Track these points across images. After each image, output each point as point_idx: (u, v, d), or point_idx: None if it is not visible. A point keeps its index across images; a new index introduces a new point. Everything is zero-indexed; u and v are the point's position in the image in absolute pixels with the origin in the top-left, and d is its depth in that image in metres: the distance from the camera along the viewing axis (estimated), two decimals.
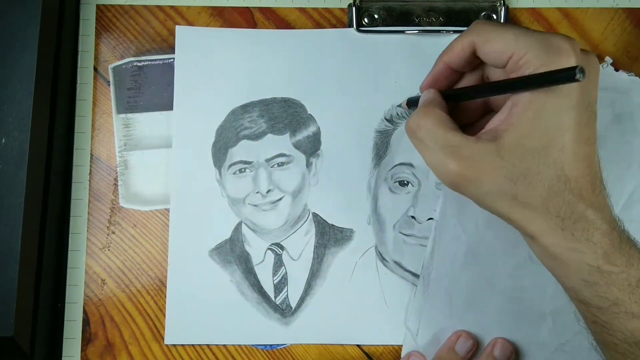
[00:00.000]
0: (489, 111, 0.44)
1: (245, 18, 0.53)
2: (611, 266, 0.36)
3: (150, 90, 0.52)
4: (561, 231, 0.37)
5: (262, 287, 0.50)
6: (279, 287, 0.50)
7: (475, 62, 0.42)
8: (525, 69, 0.37)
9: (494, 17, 0.52)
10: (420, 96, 0.44)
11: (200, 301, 0.50)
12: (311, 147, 0.52)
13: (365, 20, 0.53)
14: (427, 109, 0.40)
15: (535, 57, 0.37)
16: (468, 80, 0.44)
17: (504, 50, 0.38)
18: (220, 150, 0.51)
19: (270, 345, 0.50)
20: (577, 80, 0.34)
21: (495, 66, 0.40)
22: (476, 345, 0.48)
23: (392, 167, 0.51)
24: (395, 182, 0.51)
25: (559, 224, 0.37)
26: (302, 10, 0.53)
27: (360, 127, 0.52)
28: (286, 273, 0.50)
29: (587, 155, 0.37)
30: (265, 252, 0.51)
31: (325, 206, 0.51)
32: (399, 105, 0.51)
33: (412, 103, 0.49)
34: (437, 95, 0.42)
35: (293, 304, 0.50)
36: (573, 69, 0.34)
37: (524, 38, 0.37)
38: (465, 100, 0.43)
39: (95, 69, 0.53)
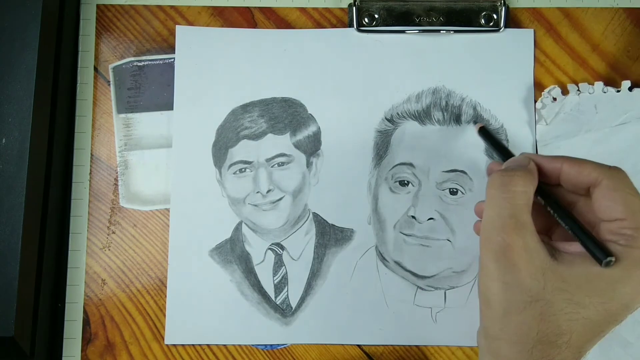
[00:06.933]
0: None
1: (246, 18, 0.53)
2: None
3: (151, 90, 0.52)
4: None
5: (262, 287, 0.50)
6: (279, 287, 0.50)
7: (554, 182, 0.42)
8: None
9: (494, 17, 0.52)
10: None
11: (201, 301, 0.50)
12: (311, 147, 0.51)
13: (365, 20, 0.53)
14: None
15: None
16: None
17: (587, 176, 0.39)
18: (220, 150, 0.51)
19: (271, 345, 0.50)
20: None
21: (573, 190, 0.41)
22: None
23: (393, 167, 0.51)
24: (395, 182, 0.51)
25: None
26: (302, 10, 0.53)
27: (360, 126, 0.51)
28: (286, 273, 0.50)
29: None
30: (265, 252, 0.51)
31: (326, 206, 0.51)
32: (475, 123, 0.51)
33: (486, 134, 0.49)
34: (535, 177, 0.40)
35: (293, 304, 0.50)
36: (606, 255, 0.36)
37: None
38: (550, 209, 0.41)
39: (95, 68, 0.53)
